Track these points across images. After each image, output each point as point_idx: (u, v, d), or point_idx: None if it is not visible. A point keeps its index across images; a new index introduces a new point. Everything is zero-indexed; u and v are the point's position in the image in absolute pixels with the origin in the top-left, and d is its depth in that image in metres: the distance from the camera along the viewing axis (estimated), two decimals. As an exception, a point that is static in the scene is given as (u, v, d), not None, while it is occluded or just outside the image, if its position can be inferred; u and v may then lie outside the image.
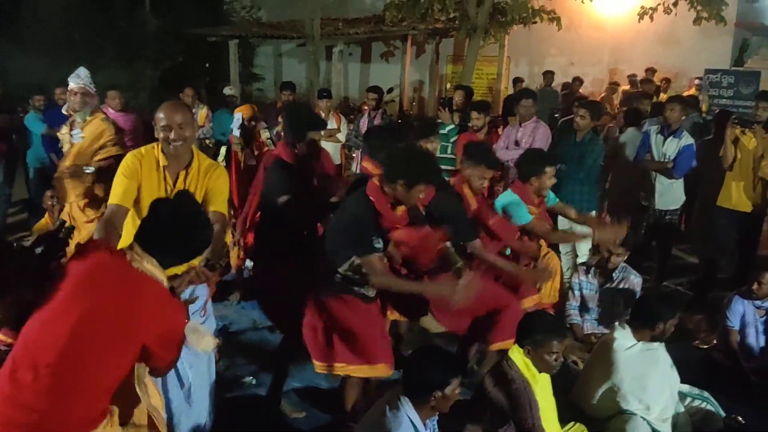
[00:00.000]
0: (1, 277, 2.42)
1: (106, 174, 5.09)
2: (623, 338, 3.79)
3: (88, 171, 5.11)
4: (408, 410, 2.76)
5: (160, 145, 3.30)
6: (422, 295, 3.68)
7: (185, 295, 2.89)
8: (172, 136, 3.18)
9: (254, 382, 4.51)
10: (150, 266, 2.42)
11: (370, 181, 3.54)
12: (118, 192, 3.21)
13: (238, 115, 6.21)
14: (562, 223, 6.04)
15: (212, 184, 3.37)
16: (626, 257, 5.10)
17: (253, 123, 6.15)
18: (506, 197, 4.77)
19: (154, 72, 14.87)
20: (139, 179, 3.25)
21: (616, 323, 3.97)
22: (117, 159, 4.98)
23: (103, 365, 2.31)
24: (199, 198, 3.32)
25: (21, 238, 7.31)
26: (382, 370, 3.57)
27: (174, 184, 3.29)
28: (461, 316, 4.04)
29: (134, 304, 2.35)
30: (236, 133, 6.13)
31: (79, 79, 5.14)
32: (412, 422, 2.75)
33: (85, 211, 5.23)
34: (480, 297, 3.81)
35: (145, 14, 15.19)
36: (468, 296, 3.35)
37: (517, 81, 12.75)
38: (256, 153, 6.13)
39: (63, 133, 5.30)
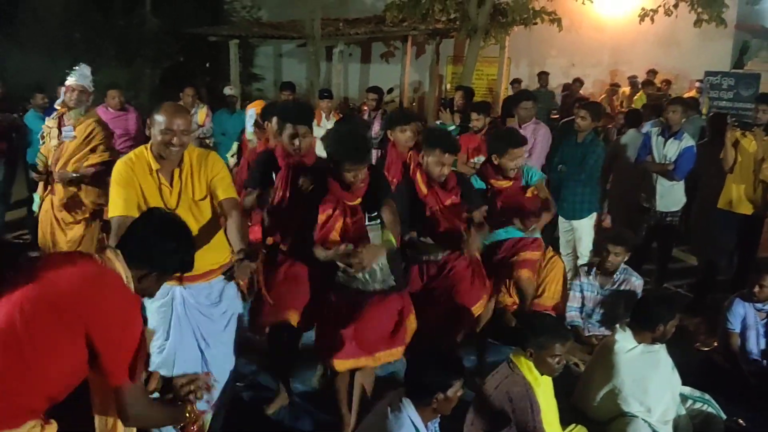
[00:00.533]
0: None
1: (94, 179, 5.14)
2: (624, 340, 3.79)
3: (74, 176, 5.09)
4: (410, 412, 2.75)
5: (149, 149, 3.23)
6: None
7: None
8: (174, 141, 3.13)
9: (253, 381, 4.53)
10: (115, 259, 2.29)
11: None
12: (119, 203, 3.13)
13: (252, 111, 6.04)
14: (564, 226, 6.05)
15: (212, 173, 3.32)
16: (626, 258, 5.09)
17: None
18: None
19: (154, 71, 14.84)
20: (137, 185, 3.18)
21: (617, 325, 3.97)
22: (107, 165, 5.00)
23: (40, 353, 2.09)
24: (202, 190, 3.30)
25: (20, 236, 7.33)
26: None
27: (171, 184, 3.23)
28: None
29: (80, 282, 2.17)
30: (250, 129, 6.04)
31: (81, 77, 5.13)
32: (413, 424, 2.74)
33: (72, 213, 5.22)
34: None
35: (145, 13, 15.15)
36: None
37: (515, 82, 12.75)
38: None
39: (50, 126, 5.24)
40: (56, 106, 5.28)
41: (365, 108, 8.56)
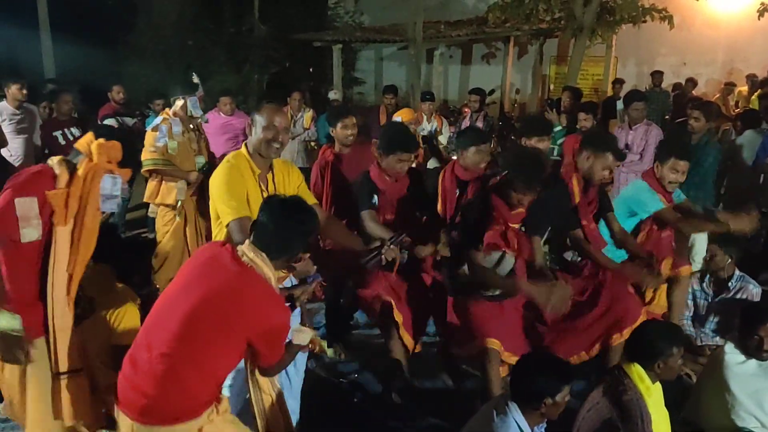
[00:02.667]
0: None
1: None
2: (733, 353, 3.63)
3: None
4: (516, 415, 2.74)
5: (246, 153, 3.26)
6: None
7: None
8: (280, 138, 3.21)
9: (357, 378, 4.60)
10: (260, 262, 2.48)
11: None
12: (234, 206, 3.10)
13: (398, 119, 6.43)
14: None
15: (297, 180, 3.43)
16: (726, 261, 4.79)
17: (414, 127, 6.22)
18: (634, 186, 4.58)
19: (261, 76, 15.32)
20: (245, 186, 3.19)
21: (726, 337, 3.81)
22: None
23: (211, 355, 2.41)
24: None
25: (140, 234, 7.75)
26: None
27: (267, 189, 3.27)
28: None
29: (240, 297, 2.41)
30: None
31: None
32: (519, 427, 2.72)
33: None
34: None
35: (253, 21, 15.66)
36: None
37: (617, 82, 12.32)
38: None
39: (182, 130, 5.34)
40: (177, 114, 5.32)
41: (466, 110, 8.55)
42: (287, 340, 2.70)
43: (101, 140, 2.99)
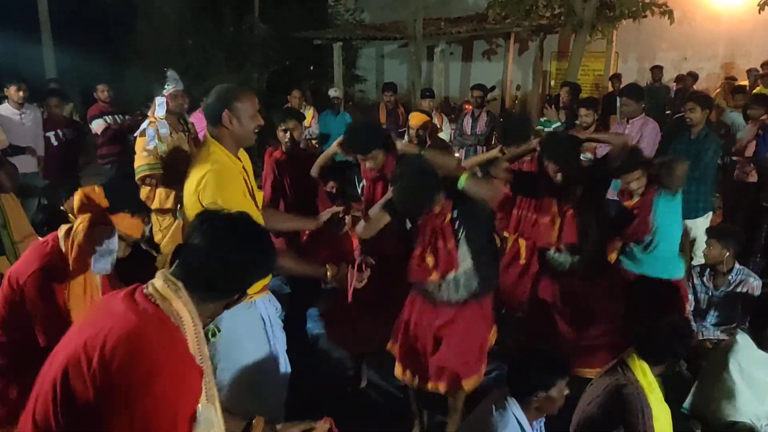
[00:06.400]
0: None
1: None
2: (745, 344, 3.63)
3: None
4: (515, 410, 2.74)
5: (220, 146, 2.89)
6: None
7: None
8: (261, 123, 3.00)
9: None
10: (172, 295, 1.71)
11: None
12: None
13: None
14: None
15: (250, 167, 3.12)
16: (725, 254, 4.78)
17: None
18: None
19: (261, 76, 15.31)
20: (242, 184, 2.96)
21: (737, 329, 3.81)
22: None
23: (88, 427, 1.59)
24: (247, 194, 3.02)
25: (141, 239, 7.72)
26: None
27: (249, 181, 3.02)
28: None
29: (124, 352, 1.59)
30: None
31: (178, 82, 5.32)
32: (519, 422, 2.72)
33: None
34: None
35: (253, 20, 15.67)
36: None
37: (614, 79, 12.25)
38: None
39: (168, 131, 5.24)
40: (158, 116, 5.22)
41: (467, 107, 8.54)
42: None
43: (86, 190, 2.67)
